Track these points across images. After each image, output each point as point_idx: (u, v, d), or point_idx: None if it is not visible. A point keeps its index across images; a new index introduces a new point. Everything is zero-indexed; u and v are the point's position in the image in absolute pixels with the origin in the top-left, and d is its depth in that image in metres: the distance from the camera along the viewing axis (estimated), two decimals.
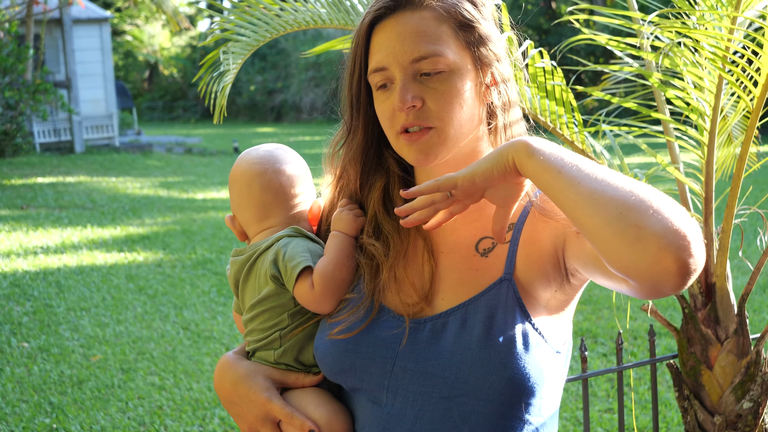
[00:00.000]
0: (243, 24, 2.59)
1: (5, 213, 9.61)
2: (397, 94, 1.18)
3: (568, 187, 1.00)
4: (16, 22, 12.27)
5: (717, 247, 2.42)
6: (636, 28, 2.45)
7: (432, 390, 1.16)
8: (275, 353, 1.31)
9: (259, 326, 1.33)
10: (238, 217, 1.39)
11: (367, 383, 1.22)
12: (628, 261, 0.94)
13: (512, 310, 1.17)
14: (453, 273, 1.23)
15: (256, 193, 1.35)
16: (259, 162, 1.36)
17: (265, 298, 1.31)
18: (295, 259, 1.27)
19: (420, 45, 1.18)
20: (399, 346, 1.20)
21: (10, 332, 5.39)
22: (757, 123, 2.47)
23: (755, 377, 2.39)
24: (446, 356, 1.16)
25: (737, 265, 6.13)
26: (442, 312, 1.20)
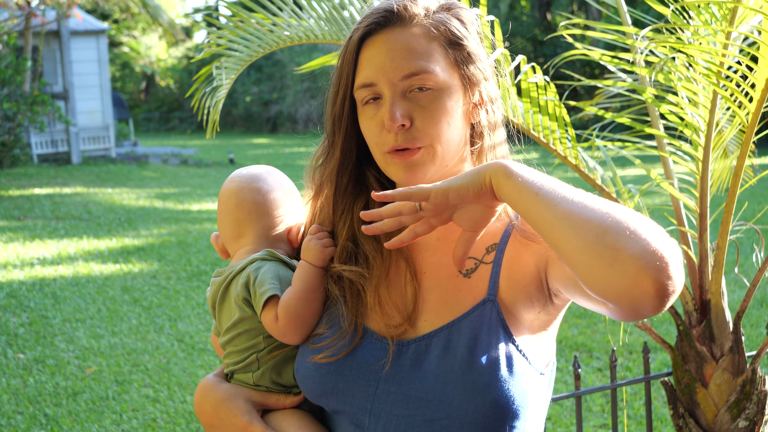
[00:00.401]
0: (236, 39, 2.60)
1: (2, 224, 9.62)
2: (387, 111, 1.16)
3: (546, 209, 0.99)
4: (14, 34, 12.34)
5: (712, 264, 2.41)
6: (630, 43, 2.45)
7: (415, 413, 1.15)
8: (254, 375, 1.30)
9: (235, 349, 1.32)
10: (220, 235, 1.40)
11: (350, 406, 1.21)
12: (606, 284, 0.93)
13: (496, 331, 1.16)
14: (436, 294, 1.22)
15: (232, 210, 1.35)
16: (238, 180, 1.37)
17: (239, 320, 1.30)
18: (263, 285, 1.26)
19: (410, 62, 1.17)
20: (382, 368, 1.19)
21: (6, 343, 5.39)
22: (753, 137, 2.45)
23: (751, 395, 2.39)
24: (430, 379, 1.15)
25: (734, 279, 6.15)
26: (425, 334, 1.19)
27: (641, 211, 2.53)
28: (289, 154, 19.27)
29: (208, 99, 2.65)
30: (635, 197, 2.45)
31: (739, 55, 2.19)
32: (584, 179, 2.50)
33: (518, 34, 22.54)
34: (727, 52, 2.15)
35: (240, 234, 1.35)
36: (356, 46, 1.20)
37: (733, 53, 2.18)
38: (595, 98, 3.15)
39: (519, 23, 23.16)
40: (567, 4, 21.41)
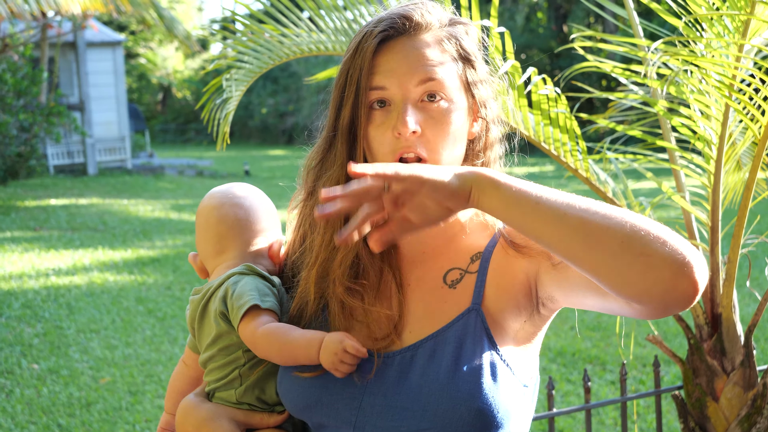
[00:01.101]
0: (246, 51, 2.62)
1: (18, 234, 9.73)
2: (402, 118, 1.15)
3: (550, 221, 0.98)
4: (30, 45, 12.50)
5: (723, 277, 2.40)
6: (642, 55, 2.45)
7: (400, 424, 1.14)
8: (237, 392, 1.28)
9: (216, 365, 1.30)
10: (199, 253, 1.38)
11: (334, 419, 1.20)
12: (642, 289, 0.95)
13: (480, 340, 1.16)
14: (421, 306, 1.22)
15: (213, 226, 1.34)
16: (218, 196, 1.36)
17: (217, 336, 1.29)
18: (242, 297, 1.24)
19: (426, 70, 1.17)
20: (367, 381, 1.18)
21: (20, 353, 5.44)
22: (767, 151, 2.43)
23: (762, 410, 2.37)
24: (414, 390, 1.14)
25: (747, 293, 6.10)
26: (410, 345, 1.19)
27: None
28: None
29: (218, 111, 2.67)
30: (647, 210, 2.45)
31: (752, 68, 2.18)
32: (595, 192, 2.50)
33: (534, 46, 22.59)
34: (739, 65, 2.14)
35: (221, 250, 1.34)
36: (373, 50, 1.18)
37: (745, 66, 2.17)
38: (608, 111, 3.15)
39: (535, 35, 23.22)
40: (583, 17, 21.45)
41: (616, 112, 3.15)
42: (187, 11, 36.21)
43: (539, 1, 23.32)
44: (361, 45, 1.20)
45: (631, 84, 2.79)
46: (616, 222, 0.96)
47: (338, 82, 1.23)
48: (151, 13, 10.02)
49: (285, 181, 1.46)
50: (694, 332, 2.46)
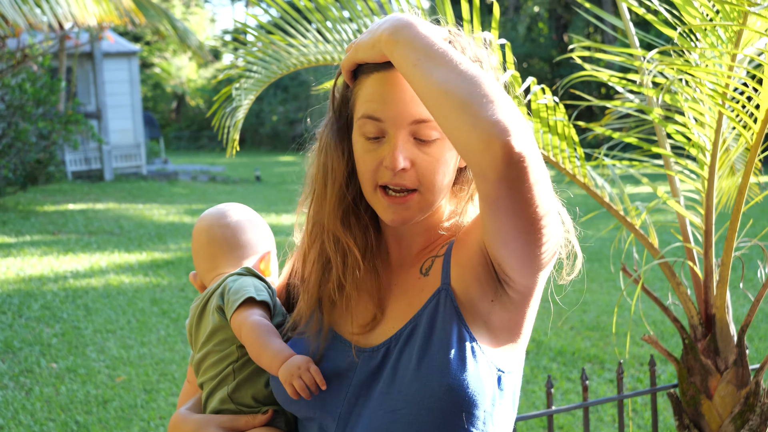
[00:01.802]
0: (254, 61, 2.67)
1: (37, 238, 9.86)
2: (393, 154, 1.16)
3: (423, 77, 1.06)
4: (49, 55, 12.69)
5: (717, 279, 2.43)
6: (637, 65, 2.48)
7: (378, 408, 1.17)
8: (229, 388, 1.31)
9: (210, 362, 1.33)
10: (197, 271, 1.45)
11: (321, 411, 1.23)
12: (466, 145, 1.02)
13: (450, 318, 1.17)
14: (404, 300, 1.25)
15: (204, 246, 1.42)
16: (208, 218, 1.44)
17: (213, 331, 1.33)
18: (239, 292, 1.30)
19: (422, 108, 1.16)
20: (353, 375, 1.21)
21: (39, 353, 5.55)
22: (759, 157, 2.43)
23: (754, 407, 2.41)
24: (390, 374, 1.18)
25: (743, 294, 6.15)
26: (391, 336, 1.22)
27: (648, 228, 2.59)
28: None
29: (228, 118, 2.73)
30: (642, 214, 2.48)
31: (744, 77, 2.16)
32: (593, 197, 2.54)
33: (536, 56, 22.60)
34: (732, 74, 2.15)
35: (214, 266, 1.41)
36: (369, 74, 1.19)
37: (738, 75, 2.17)
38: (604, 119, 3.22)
39: (537, 45, 23.23)
40: (583, 27, 21.44)
41: (613, 119, 3.20)
42: (200, 22, 36.46)
43: (540, 12, 23.31)
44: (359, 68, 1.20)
45: (627, 93, 2.81)
46: (468, 83, 1.04)
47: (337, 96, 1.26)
48: (164, 24, 10.18)
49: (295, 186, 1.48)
50: (689, 332, 2.49)
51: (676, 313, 5.22)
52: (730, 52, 2.18)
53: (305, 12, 2.61)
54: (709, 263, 2.44)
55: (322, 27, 2.61)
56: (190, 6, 35.76)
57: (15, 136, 11.61)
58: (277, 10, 2.62)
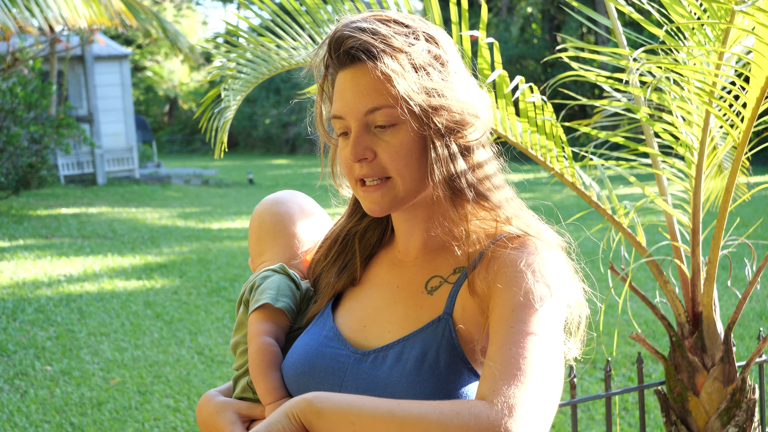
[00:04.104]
0: (243, 63, 2.67)
1: (31, 242, 9.84)
2: (350, 146, 1.20)
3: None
4: (39, 59, 12.64)
5: (704, 277, 2.45)
6: (624, 64, 2.48)
7: None
8: (248, 378, 1.35)
9: (240, 352, 1.38)
10: (250, 254, 1.50)
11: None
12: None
13: (446, 349, 1.17)
14: (402, 308, 1.26)
15: (255, 230, 1.46)
16: (263, 204, 1.48)
17: (240, 322, 1.38)
18: (263, 293, 1.33)
19: (374, 97, 1.18)
20: (344, 374, 1.24)
21: (34, 356, 5.56)
22: (748, 155, 2.48)
23: (740, 403, 2.43)
24: (379, 388, 1.19)
25: (733, 293, 6.19)
26: (385, 345, 1.23)
27: (636, 226, 2.59)
28: (307, 175, 19.47)
29: (215, 120, 2.72)
30: (630, 213, 2.48)
31: (731, 76, 2.16)
32: (581, 196, 2.55)
33: (529, 57, 22.68)
34: (719, 72, 2.15)
35: (261, 252, 1.45)
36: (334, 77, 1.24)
37: (725, 74, 2.18)
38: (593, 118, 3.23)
39: (530, 46, 23.31)
40: (576, 28, 21.52)
41: (602, 118, 3.21)
42: (192, 25, 36.41)
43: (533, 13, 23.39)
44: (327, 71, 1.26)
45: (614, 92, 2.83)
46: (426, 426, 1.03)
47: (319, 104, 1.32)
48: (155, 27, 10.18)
49: (288, 189, 1.53)
50: (676, 330, 2.50)
51: (665, 311, 5.25)
52: (717, 50, 2.18)
53: (294, 14, 2.62)
54: (696, 262, 2.45)
55: (312, 29, 2.63)
56: (181, 9, 35.72)
57: (6, 141, 11.59)
58: (267, 12, 2.64)
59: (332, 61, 1.23)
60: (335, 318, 1.33)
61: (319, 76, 1.28)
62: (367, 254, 1.37)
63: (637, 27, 15.48)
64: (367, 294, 1.33)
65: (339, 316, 1.33)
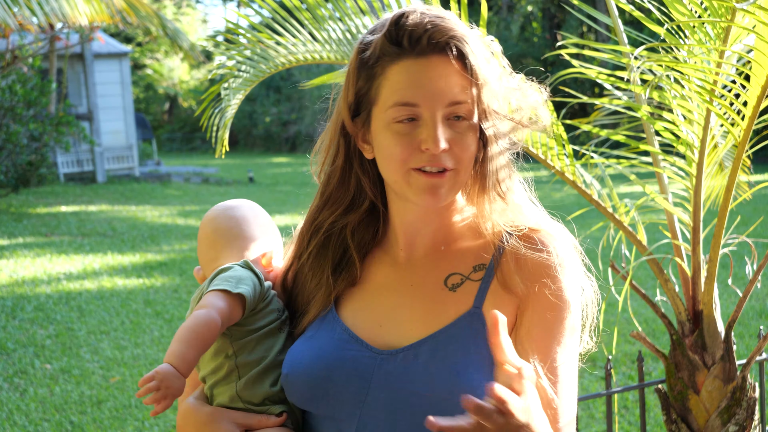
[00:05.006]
0: (243, 60, 2.67)
1: (30, 240, 9.86)
2: (435, 136, 1.18)
3: None
4: (39, 56, 12.65)
5: (705, 276, 2.44)
6: (625, 62, 2.48)
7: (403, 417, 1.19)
8: (238, 386, 1.30)
9: (209, 356, 1.32)
10: (200, 262, 1.45)
11: (339, 412, 1.23)
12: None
13: (483, 340, 1.19)
14: (422, 305, 1.26)
15: (208, 236, 1.42)
16: (215, 209, 1.46)
17: None
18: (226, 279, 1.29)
19: (459, 91, 1.20)
20: (371, 376, 1.22)
21: (33, 354, 5.58)
22: (748, 153, 2.47)
23: (741, 402, 2.43)
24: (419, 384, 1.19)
25: (733, 291, 6.20)
26: (413, 343, 1.22)
27: (636, 225, 2.59)
28: (307, 173, 19.29)
29: (216, 118, 2.72)
30: (631, 211, 2.49)
31: (732, 74, 2.16)
32: (581, 195, 2.55)
33: (529, 55, 22.67)
34: (720, 71, 2.15)
35: (215, 257, 1.41)
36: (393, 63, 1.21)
37: (726, 72, 2.18)
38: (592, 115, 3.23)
39: (530, 44, 23.29)
40: (577, 26, 21.51)
41: (602, 115, 3.21)
42: (192, 23, 36.41)
43: (534, 11, 23.40)
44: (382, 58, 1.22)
45: (615, 90, 2.76)
46: None
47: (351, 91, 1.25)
48: (155, 24, 10.18)
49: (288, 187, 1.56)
50: (677, 328, 2.50)
51: (665, 309, 5.26)
52: (718, 48, 2.18)
53: (293, 11, 2.62)
54: (696, 260, 2.45)
55: (311, 26, 2.63)
56: (181, 7, 35.72)
57: (6, 138, 11.60)
58: (267, 10, 2.64)
59: (401, 49, 1.21)
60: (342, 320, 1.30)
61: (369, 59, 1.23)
62: (362, 252, 1.34)
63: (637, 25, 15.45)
64: (374, 293, 1.30)
65: (346, 317, 1.29)
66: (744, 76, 2.23)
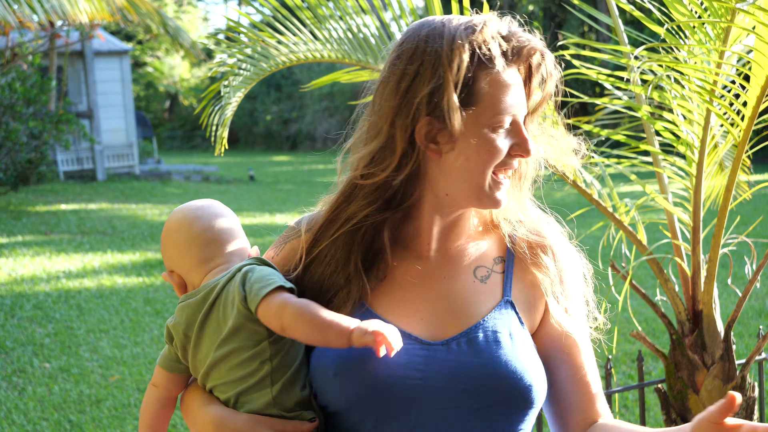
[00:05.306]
0: (243, 59, 2.68)
1: (30, 238, 9.86)
2: (529, 144, 1.26)
3: None
4: (39, 54, 12.65)
5: (704, 275, 2.46)
6: (625, 62, 2.49)
7: (460, 405, 1.22)
8: (273, 391, 1.25)
9: (238, 363, 1.25)
10: (177, 268, 1.34)
11: (390, 408, 1.22)
12: None
13: (518, 327, 1.28)
14: (461, 297, 1.30)
15: (199, 234, 1.33)
16: (193, 210, 1.36)
17: (237, 328, 1.25)
18: (263, 280, 1.23)
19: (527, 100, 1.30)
20: (426, 366, 1.23)
21: (32, 353, 5.57)
22: (748, 153, 2.49)
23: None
24: (473, 372, 1.22)
25: (733, 291, 6.20)
26: (459, 333, 1.26)
27: (636, 224, 2.60)
28: (308, 171, 19.48)
29: (216, 116, 2.71)
30: (631, 211, 2.49)
31: (732, 74, 2.18)
32: (582, 194, 2.55)
33: None
34: (720, 71, 2.16)
35: (209, 256, 1.32)
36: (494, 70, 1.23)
37: (726, 72, 2.19)
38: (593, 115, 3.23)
39: None
40: (578, 26, 21.50)
41: (603, 115, 3.21)
42: (193, 21, 36.40)
43: (535, 10, 23.40)
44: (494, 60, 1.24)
45: (615, 90, 2.80)
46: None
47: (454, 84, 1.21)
48: (156, 22, 10.17)
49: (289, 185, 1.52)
50: (677, 328, 2.52)
51: (665, 309, 5.26)
52: (718, 49, 2.19)
53: (295, 10, 2.63)
54: (696, 260, 2.46)
55: (313, 25, 2.63)
56: (182, 5, 35.71)
57: (5, 136, 11.59)
58: (268, 8, 2.65)
59: (506, 59, 1.26)
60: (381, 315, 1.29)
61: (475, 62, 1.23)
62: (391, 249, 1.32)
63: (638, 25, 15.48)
64: (407, 288, 1.30)
65: (383, 313, 1.28)
66: (744, 77, 2.25)
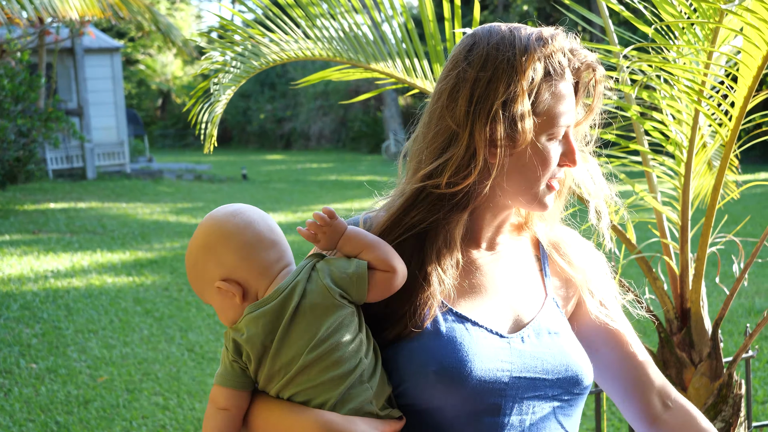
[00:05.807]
0: (234, 56, 2.68)
1: (17, 237, 9.81)
2: (577, 155, 1.35)
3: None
4: (28, 51, 12.54)
5: (692, 274, 2.48)
6: (614, 62, 2.50)
7: (540, 394, 1.30)
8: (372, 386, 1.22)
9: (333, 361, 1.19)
10: (238, 275, 1.25)
11: (479, 403, 1.25)
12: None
13: (564, 320, 1.39)
14: (518, 292, 1.38)
15: (266, 236, 1.27)
16: (247, 211, 1.30)
17: (340, 324, 1.20)
18: (350, 266, 1.24)
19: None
20: (509, 357, 1.28)
21: (19, 354, 5.53)
22: (736, 152, 2.51)
23: (727, 399, 2.47)
24: (548, 361, 1.31)
25: (722, 289, 6.21)
26: (527, 324, 1.34)
27: (626, 223, 2.62)
28: (302, 170, 19.45)
29: (205, 114, 2.71)
30: (621, 210, 2.56)
31: (720, 75, 2.20)
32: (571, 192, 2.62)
33: None
34: (708, 72, 2.19)
35: (278, 256, 1.27)
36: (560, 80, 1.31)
37: (714, 73, 2.22)
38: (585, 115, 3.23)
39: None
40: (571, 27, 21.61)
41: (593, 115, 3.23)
42: (186, 18, 36.30)
43: (530, 10, 23.46)
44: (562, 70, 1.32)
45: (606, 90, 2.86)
46: None
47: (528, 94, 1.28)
48: (148, 19, 10.11)
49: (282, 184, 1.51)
50: (665, 326, 2.54)
51: (654, 307, 5.26)
52: (706, 49, 2.21)
53: (286, 8, 2.64)
54: (684, 258, 2.48)
55: (305, 23, 2.63)
56: (175, 2, 35.59)
57: None
58: (259, 6, 2.64)
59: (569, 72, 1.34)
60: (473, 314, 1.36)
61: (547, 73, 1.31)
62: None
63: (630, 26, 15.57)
64: (475, 285, 1.36)
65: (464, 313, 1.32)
66: (731, 77, 2.26)
